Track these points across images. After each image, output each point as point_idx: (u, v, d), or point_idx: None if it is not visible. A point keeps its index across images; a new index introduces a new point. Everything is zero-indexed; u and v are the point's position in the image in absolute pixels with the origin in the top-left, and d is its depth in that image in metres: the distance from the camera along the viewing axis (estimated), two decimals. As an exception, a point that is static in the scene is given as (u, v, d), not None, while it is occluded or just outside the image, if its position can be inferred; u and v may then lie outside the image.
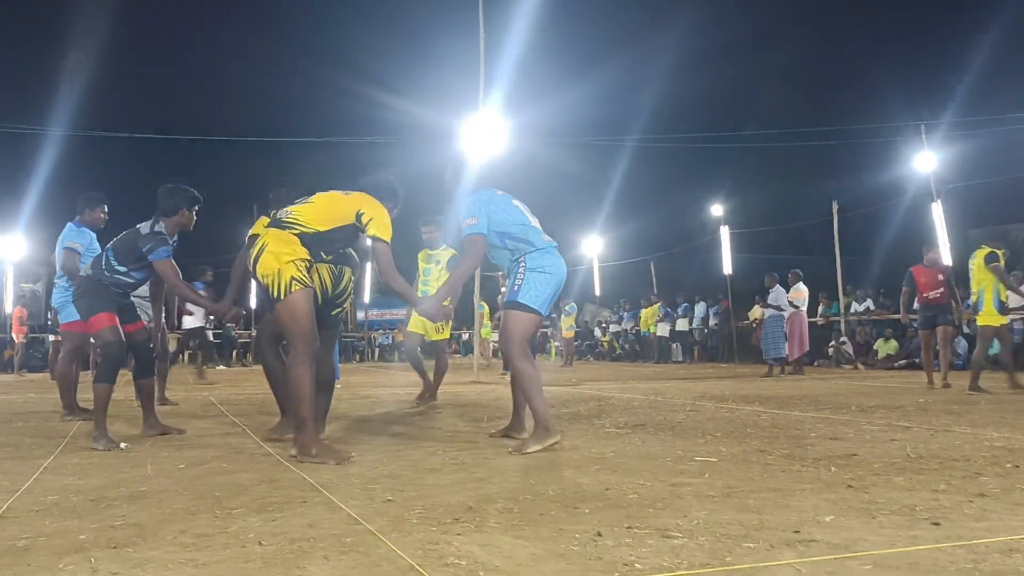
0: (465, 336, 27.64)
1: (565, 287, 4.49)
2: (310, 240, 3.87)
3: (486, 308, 17.72)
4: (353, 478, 3.30)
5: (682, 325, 20.12)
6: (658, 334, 20.56)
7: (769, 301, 12.47)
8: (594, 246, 27.90)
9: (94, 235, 6.31)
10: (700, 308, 20.20)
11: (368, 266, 16.79)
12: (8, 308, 24.24)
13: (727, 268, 19.01)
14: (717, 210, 21.84)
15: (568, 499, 2.78)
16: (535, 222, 4.38)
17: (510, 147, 12.67)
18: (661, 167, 35.83)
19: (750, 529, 2.30)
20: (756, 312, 15.45)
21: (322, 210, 3.93)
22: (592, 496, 2.83)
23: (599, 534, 2.27)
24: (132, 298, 5.02)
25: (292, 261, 3.77)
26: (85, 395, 6.76)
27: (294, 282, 3.74)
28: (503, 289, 8.95)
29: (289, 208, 3.96)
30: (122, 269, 4.72)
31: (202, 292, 8.95)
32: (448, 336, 7.92)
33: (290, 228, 3.86)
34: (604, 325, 25.29)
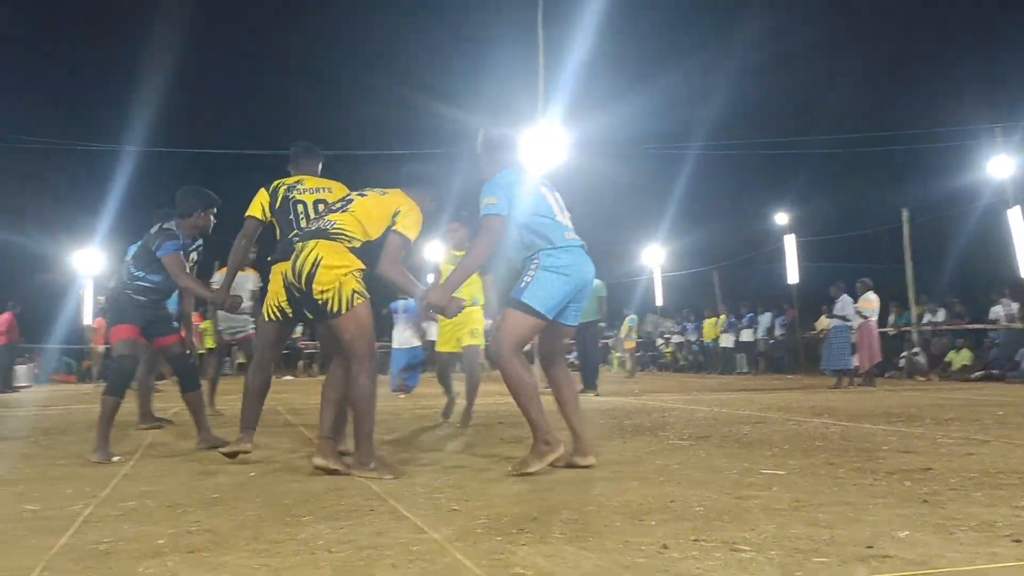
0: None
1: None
2: (360, 251, 3.73)
3: None
4: (418, 488, 3.34)
5: (747, 336, 19.79)
6: (722, 345, 20.27)
7: (835, 311, 12.19)
8: (656, 256, 27.68)
9: None
10: (765, 318, 19.85)
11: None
12: (87, 319, 25.19)
13: (793, 277, 18.66)
14: (782, 218, 21.49)
15: (633, 511, 2.76)
16: (564, 217, 3.92)
17: (569, 158, 12.69)
18: (724, 175, 35.36)
19: (820, 544, 2.25)
20: (823, 322, 15.11)
21: (364, 217, 3.74)
22: (657, 508, 2.80)
23: (665, 546, 2.25)
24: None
25: (350, 272, 3.63)
26: (162, 404, 6.99)
27: (356, 295, 3.62)
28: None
29: (330, 217, 3.76)
30: (139, 274, 4.70)
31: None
32: (482, 342, 6.74)
33: (338, 239, 3.67)
34: (667, 336, 25.04)
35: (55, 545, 2.41)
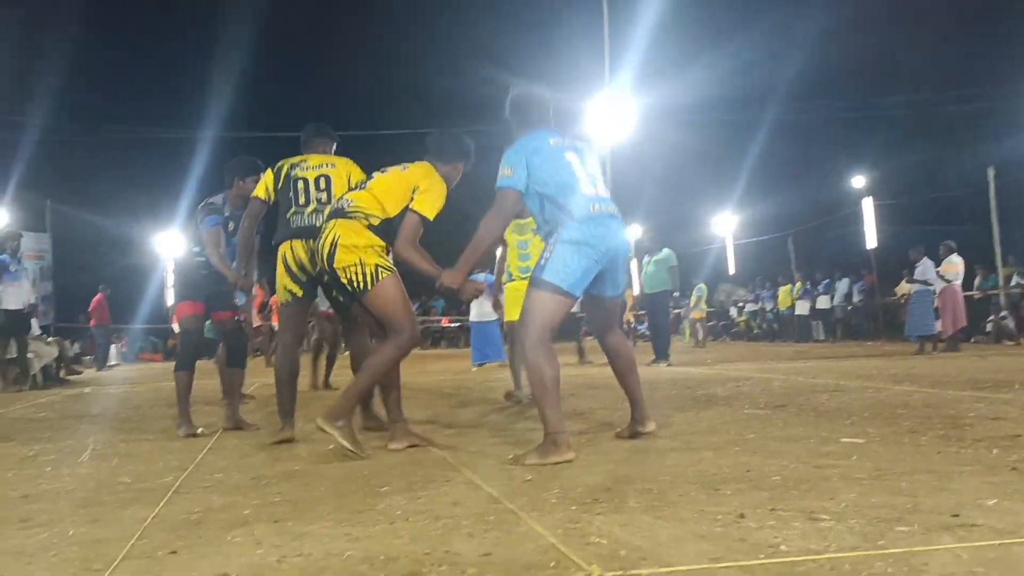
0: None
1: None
2: (379, 229, 3.61)
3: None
4: (491, 459, 3.38)
5: (823, 303, 19.35)
6: (797, 312, 19.86)
7: (916, 275, 11.80)
8: (727, 224, 27.18)
9: None
10: (842, 284, 19.36)
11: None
12: (170, 300, 26.11)
13: (871, 242, 18.09)
14: (859, 181, 20.84)
15: (708, 481, 2.75)
16: (592, 186, 3.57)
17: (637, 127, 12.51)
18: (799, 139, 34.25)
19: (903, 512, 2.20)
20: (903, 288, 14.65)
21: (382, 195, 3.64)
22: (733, 478, 2.78)
23: (742, 516, 2.23)
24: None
25: (369, 247, 3.55)
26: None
27: (380, 270, 3.54)
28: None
29: (349, 196, 3.71)
30: (196, 250, 4.82)
31: None
32: None
33: (356, 218, 3.59)
34: (740, 304, 24.64)
35: (149, 516, 2.52)
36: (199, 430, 4.63)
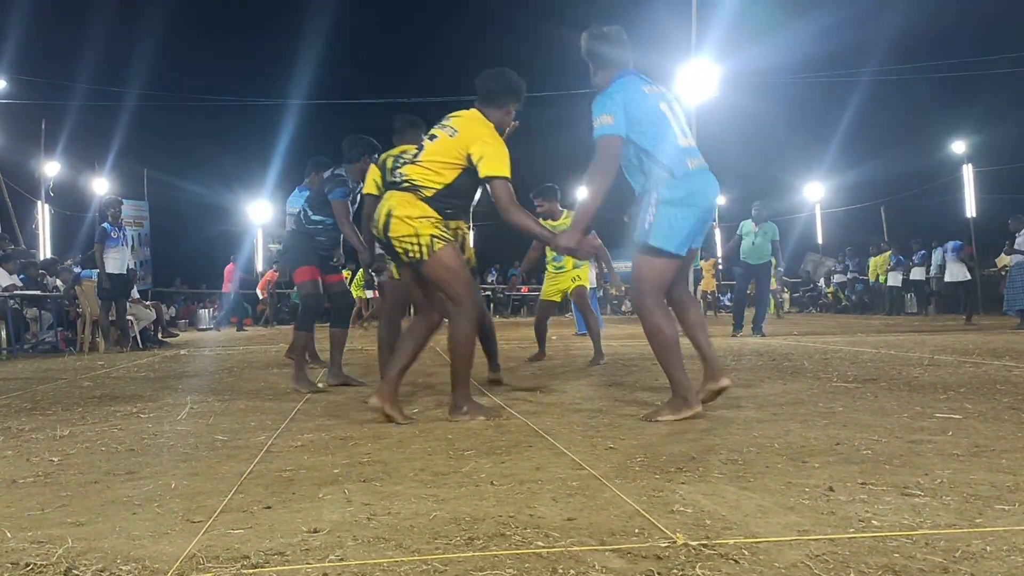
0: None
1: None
2: (436, 199, 3.53)
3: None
4: (575, 426, 3.39)
5: (917, 274, 18.63)
6: (889, 284, 19.20)
7: (1016, 246, 11.23)
8: (816, 192, 26.38)
9: None
10: (938, 255, 18.60)
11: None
12: (260, 267, 27.00)
13: (970, 211, 17.30)
14: (959, 147, 19.90)
15: (795, 453, 2.70)
16: (686, 139, 3.53)
17: (723, 91, 12.21)
18: (894, 104, 32.73)
19: (1003, 491, 2.12)
20: (1004, 259, 13.98)
21: (432, 164, 3.55)
22: (821, 451, 2.72)
23: (831, 489, 2.19)
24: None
25: (424, 218, 3.50)
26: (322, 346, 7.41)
27: (435, 240, 3.49)
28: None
29: (402, 169, 3.63)
30: (317, 218, 5.11)
31: None
32: (586, 283, 7.02)
33: (408, 190, 3.55)
34: (828, 275, 23.96)
35: (244, 472, 2.63)
36: (320, 385, 5.05)
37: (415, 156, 3.63)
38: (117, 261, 9.96)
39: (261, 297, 21.18)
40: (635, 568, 1.61)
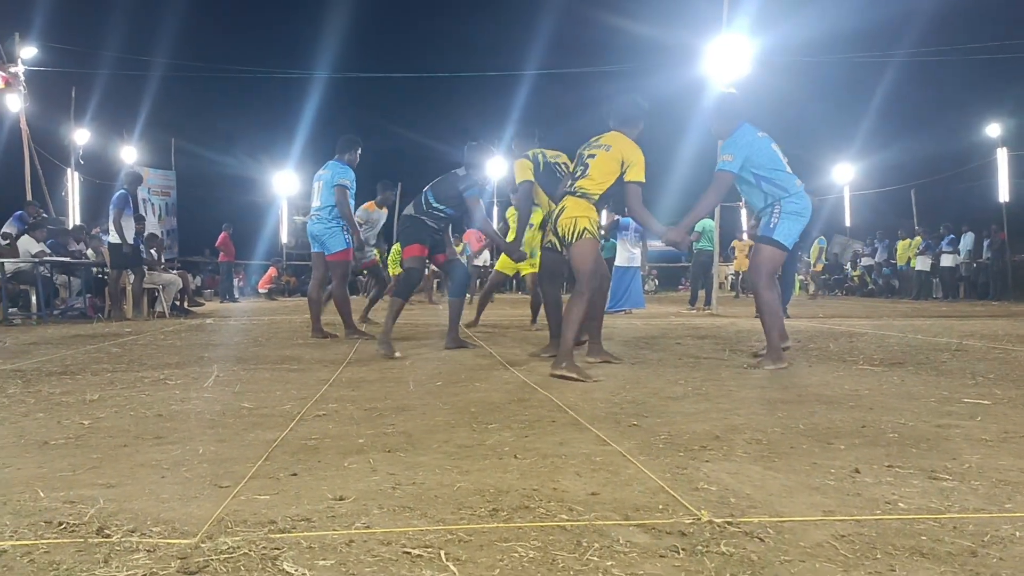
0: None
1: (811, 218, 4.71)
2: (597, 203, 4.54)
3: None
4: (599, 402, 3.40)
5: (947, 260, 18.38)
6: (917, 268, 18.96)
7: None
8: (845, 173, 26.02)
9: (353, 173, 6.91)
10: (968, 240, 18.33)
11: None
12: (284, 238, 27.15)
13: (1004, 195, 17.00)
14: (994, 130, 19.51)
15: (820, 434, 2.68)
16: (788, 166, 4.68)
17: (754, 69, 12.02)
18: (926, 85, 32.12)
19: (1033, 477, 2.10)
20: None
21: (598, 176, 4.48)
22: (847, 433, 2.70)
23: (857, 470, 2.17)
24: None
25: (584, 216, 4.46)
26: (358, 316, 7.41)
27: (585, 232, 4.44)
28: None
29: (577, 184, 4.54)
30: (439, 206, 5.77)
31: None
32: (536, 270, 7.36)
33: (580, 196, 4.50)
34: (855, 258, 23.70)
35: (271, 439, 2.66)
36: (397, 354, 5.27)
37: (584, 172, 4.55)
38: (129, 231, 10.11)
39: (262, 291, 21.39)
40: (660, 544, 1.61)
